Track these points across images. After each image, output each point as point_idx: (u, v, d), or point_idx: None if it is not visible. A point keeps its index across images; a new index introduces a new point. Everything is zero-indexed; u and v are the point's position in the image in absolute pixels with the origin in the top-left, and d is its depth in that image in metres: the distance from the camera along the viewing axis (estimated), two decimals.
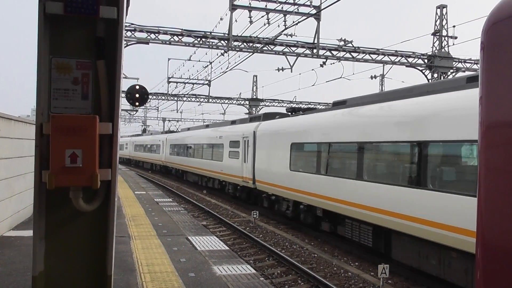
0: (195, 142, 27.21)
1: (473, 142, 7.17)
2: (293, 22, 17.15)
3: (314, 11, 18.06)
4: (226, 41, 19.43)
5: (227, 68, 21.54)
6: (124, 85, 15.74)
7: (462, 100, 7.62)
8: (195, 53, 27.84)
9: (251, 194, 18.54)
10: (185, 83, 30.64)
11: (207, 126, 27.79)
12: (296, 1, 17.86)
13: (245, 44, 19.68)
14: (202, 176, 25.38)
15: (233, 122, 22.04)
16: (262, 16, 17.81)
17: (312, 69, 22.27)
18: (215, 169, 22.06)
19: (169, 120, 58.33)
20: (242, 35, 19.30)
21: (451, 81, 8.92)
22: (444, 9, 22.66)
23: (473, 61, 23.06)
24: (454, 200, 7.40)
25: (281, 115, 17.36)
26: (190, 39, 19.46)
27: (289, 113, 16.34)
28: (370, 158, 9.98)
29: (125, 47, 19.24)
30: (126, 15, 2.82)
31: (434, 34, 22.57)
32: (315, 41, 19.90)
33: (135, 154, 51.67)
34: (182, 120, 58.31)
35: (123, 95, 15.28)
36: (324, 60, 20.53)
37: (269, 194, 15.96)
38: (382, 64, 21.81)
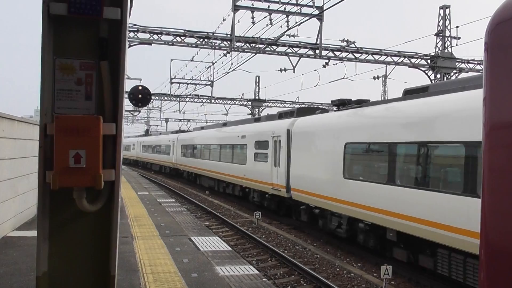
0: (211, 143, 24.37)
1: None
2: (296, 22, 17.14)
3: (316, 12, 18.05)
4: (228, 42, 19.44)
5: (229, 69, 21.56)
6: (127, 85, 15.77)
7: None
8: (197, 53, 27.83)
9: (282, 204, 15.81)
10: (187, 83, 30.67)
11: (224, 124, 25.14)
12: (298, 2, 17.85)
13: (247, 44, 19.69)
14: (220, 180, 22.60)
15: (258, 120, 19.93)
16: (265, 17, 17.82)
17: (315, 70, 22.25)
18: (236, 173, 19.45)
19: (177, 120, 56.70)
20: (245, 35, 19.30)
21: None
22: (447, 10, 22.61)
23: (476, 62, 23.00)
24: None
25: (322, 110, 15.03)
26: (193, 40, 19.48)
27: (335, 107, 13.29)
28: None
29: (128, 47, 19.29)
30: (130, 16, 2.83)
31: (437, 34, 22.52)
32: (318, 42, 19.87)
33: (143, 155, 49.01)
34: (185, 120, 58.35)
35: (126, 95, 15.31)
36: (327, 60, 20.51)
37: (310, 206, 13.01)
38: (385, 65, 21.77)
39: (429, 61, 22.25)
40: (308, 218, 13.31)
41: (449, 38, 22.42)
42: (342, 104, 12.92)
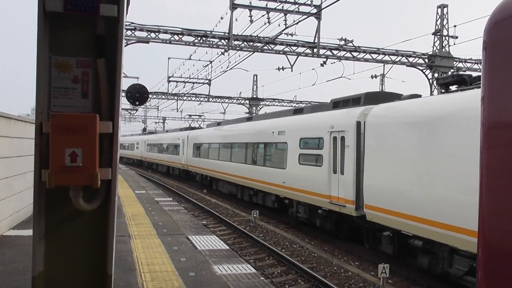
0: (233, 141, 20.19)
1: None
2: (294, 21, 17.14)
3: (314, 10, 18.04)
4: (226, 40, 19.41)
5: (227, 67, 21.54)
6: (124, 84, 15.77)
7: None
8: (195, 52, 27.75)
9: (343, 224, 11.80)
10: (185, 82, 30.63)
11: (249, 119, 20.84)
12: (296, 0, 17.85)
13: (245, 43, 19.66)
14: (245, 187, 18.25)
15: (298, 112, 15.17)
16: (263, 15, 17.81)
17: (313, 69, 22.27)
18: (271, 179, 15.26)
19: (187, 117, 53.72)
20: (243, 34, 19.28)
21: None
22: (445, 9, 22.64)
23: (473, 61, 23.05)
24: None
25: (409, 96, 10.09)
26: (191, 38, 19.45)
27: (444, 87, 9.06)
28: None
29: (125, 46, 19.23)
30: (127, 13, 2.81)
31: (434, 33, 22.55)
32: (316, 41, 19.87)
33: (148, 155, 44.03)
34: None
35: (123, 94, 15.29)
36: (325, 59, 20.52)
37: (406, 235, 8.87)
38: (382, 64, 21.79)
39: (426, 60, 22.28)
40: (395, 249, 9.35)
41: (446, 37, 22.45)
42: (459, 82, 8.70)
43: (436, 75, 22.12)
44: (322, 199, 11.87)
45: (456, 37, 22.47)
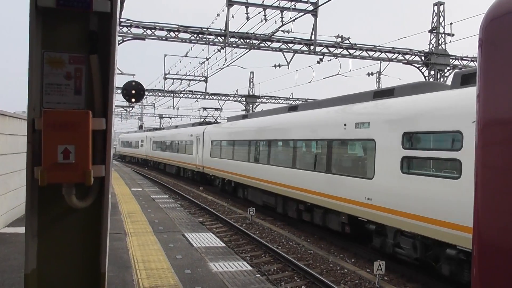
0: (272, 137, 15.30)
1: None
2: (290, 18, 17.10)
3: (311, 8, 18.02)
4: (223, 38, 19.36)
5: (223, 65, 21.49)
6: (120, 81, 15.74)
7: None
8: (191, 49, 27.64)
9: None
10: (181, 79, 30.54)
11: (292, 108, 15.33)
12: None
13: (242, 40, 19.62)
14: (290, 198, 13.69)
15: (384, 94, 10.24)
16: (259, 12, 17.76)
17: (309, 66, 22.25)
18: (342, 192, 10.68)
19: (201, 110, 48.75)
20: (239, 31, 19.24)
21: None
22: (441, 6, 22.65)
23: (469, 59, 23.09)
24: None
25: None
26: (187, 35, 19.39)
27: None
28: None
29: (121, 42, 19.19)
30: (122, 9, 2.79)
31: (431, 31, 22.57)
32: (312, 38, 19.85)
33: (154, 154, 39.12)
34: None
35: (118, 91, 15.23)
36: (321, 57, 20.50)
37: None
38: (379, 61, 21.80)
39: (423, 57, 22.30)
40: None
41: (443, 35, 22.47)
42: None
43: (432, 72, 22.16)
44: (455, 231, 7.34)
45: (453, 35, 22.50)
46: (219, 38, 19.44)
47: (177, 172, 31.69)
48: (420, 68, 22.64)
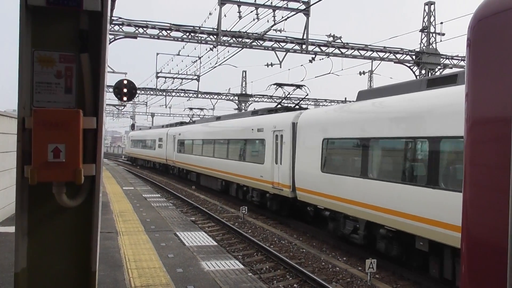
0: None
1: None
2: (282, 17, 17.11)
3: (303, 7, 18.05)
4: (215, 36, 19.33)
5: (216, 63, 21.46)
6: (112, 79, 15.64)
7: None
8: (184, 48, 27.59)
9: None
10: (174, 78, 30.48)
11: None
12: None
13: (234, 39, 19.60)
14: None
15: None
16: (251, 11, 17.78)
17: (301, 65, 22.29)
18: None
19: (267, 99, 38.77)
20: (231, 30, 19.22)
21: None
22: (432, 6, 22.82)
23: (460, 58, 23.28)
24: None
25: None
26: (179, 34, 19.33)
27: None
28: None
29: (113, 41, 19.07)
30: (113, 8, 2.79)
31: (422, 30, 22.73)
32: (304, 37, 19.90)
33: (182, 159, 26.78)
34: (172, 115, 57.85)
35: (109, 89, 15.14)
36: (313, 55, 20.56)
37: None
38: (370, 60, 21.92)
39: (414, 57, 22.45)
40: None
41: (433, 34, 22.64)
42: None
43: (423, 71, 22.31)
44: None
45: (443, 34, 22.70)
46: (211, 36, 19.41)
47: (226, 188, 19.58)
48: (411, 67, 22.79)
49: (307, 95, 17.93)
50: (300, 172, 12.77)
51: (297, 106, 17.35)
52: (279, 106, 18.32)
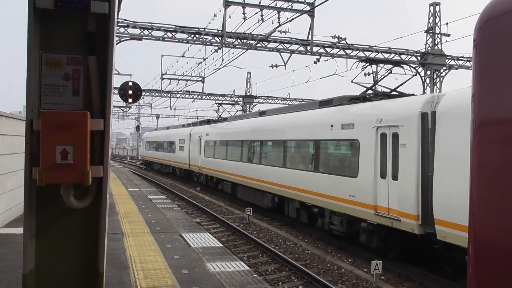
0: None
1: None
2: (287, 18, 17.12)
3: (308, 8, 18.05)
4: (219, 38, 19.36)
5: (221, 65, 21.48)
6: (118, 81, 15.72)
7: None
8: (188, 49, 27.67)
9: None
10: (178, 79, 30.53)
11: None
12: None
13: (239, 40, 19.63)
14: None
15: None
16: (256, 13, 17.78)
17: (306, 66, 22.28)
18: None
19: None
20: (236, 31, 19.24)
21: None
22: (437, 7, 22.73)
23: (465, 59, 23.18)
24: None
25: None
26: (184, 36, 19.38)
27: None
28: None
29: (118, 43, 19.15)
30: (119, 10, 2.81)
31: (427, 31, 22.64)
32: (309, 38, 19.88)
33: (212, 165, 21.61)
34: (176, 117, 57.95)
35: (115, 91, 15.23)
36: (318, 57, 20.53)
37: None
38: None
39: (419, 57, 22.37)
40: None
41: (439, 35, 22.55)
42: None
43: (428, 72, 22.23)
44: None
45: (448, 35, 22.60)
46: (216, 38, 19.44)
47: (279, 207, 14.76)
48: (417, 68, 22.70)
49: (416, 74, 12.25)
50: (449, 195, 7.79)
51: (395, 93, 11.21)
52: (369, 91, 12.01)
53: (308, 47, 20.08)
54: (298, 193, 13.07)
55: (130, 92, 13.02)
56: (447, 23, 22.43)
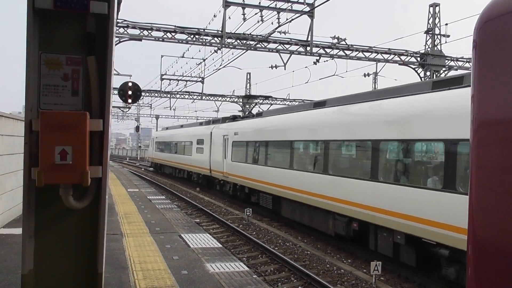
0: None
1: None
2: (287, 19, 17.12)
3: (307, 9, 18.04)
4: (219, 38, 19.36)
5: (220, 65, 21.49)
6: (117, 82, 15.73)
7: None
8: (188, 50, 27.64)
9: None
10: (178, 80, 30.52)
11: None
12: None
13: (238, 41, 19.62)
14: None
15: None
16: (256, 13, 17.77)
17: (306, 67, 22.28)
18: None
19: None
20: (236, 32, 19.24)
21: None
22: (437, 8, 22.75)
23: (465, 60, 23.19)
24: None
25: None
26: (183, 36, 19.37)
27: None
28: None
29: (118, 43, 19.14)
30: (118, 10, 2.81)
31: (427, 32, 22.65)
32: (309, 39, 19.88)
33: (243, 172, 17.67)
34: (176, 117, 57.93)
35: (114, 91, 15.23)
36: (318, 57, 20.53)
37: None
38: (375, 62, 21.86)
39: (419, 58, 22.38)
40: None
41: (438, 36, 22.56)
42: None
43: (428, 73, 22.24)
44: None
45: (448, 36, 22.60)
46: (215, 39, 19.44)
47: (362, 234, 10.43)
48: (416, 69, 22.72)
49: None
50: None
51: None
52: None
53: (308, 48, 20.08)
54: (402, 221, 8.43)
55: (130, 92, 13.02)
56: (446, 24, 22.45)
